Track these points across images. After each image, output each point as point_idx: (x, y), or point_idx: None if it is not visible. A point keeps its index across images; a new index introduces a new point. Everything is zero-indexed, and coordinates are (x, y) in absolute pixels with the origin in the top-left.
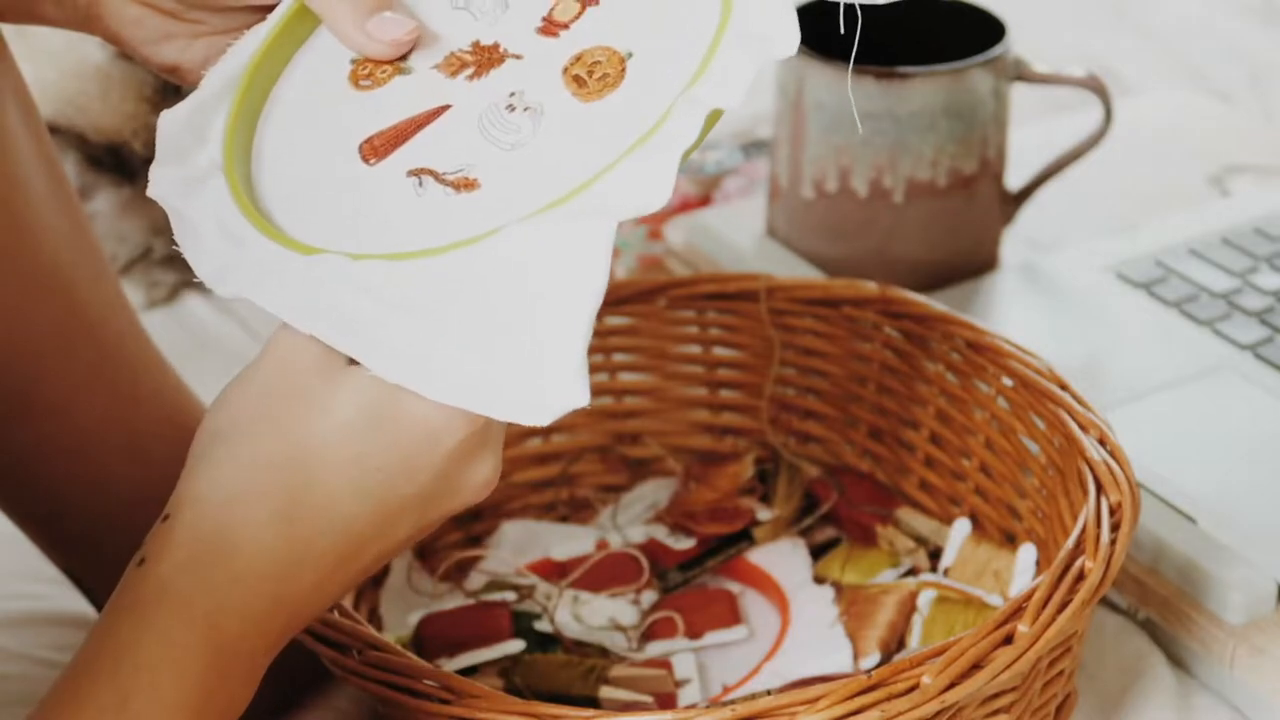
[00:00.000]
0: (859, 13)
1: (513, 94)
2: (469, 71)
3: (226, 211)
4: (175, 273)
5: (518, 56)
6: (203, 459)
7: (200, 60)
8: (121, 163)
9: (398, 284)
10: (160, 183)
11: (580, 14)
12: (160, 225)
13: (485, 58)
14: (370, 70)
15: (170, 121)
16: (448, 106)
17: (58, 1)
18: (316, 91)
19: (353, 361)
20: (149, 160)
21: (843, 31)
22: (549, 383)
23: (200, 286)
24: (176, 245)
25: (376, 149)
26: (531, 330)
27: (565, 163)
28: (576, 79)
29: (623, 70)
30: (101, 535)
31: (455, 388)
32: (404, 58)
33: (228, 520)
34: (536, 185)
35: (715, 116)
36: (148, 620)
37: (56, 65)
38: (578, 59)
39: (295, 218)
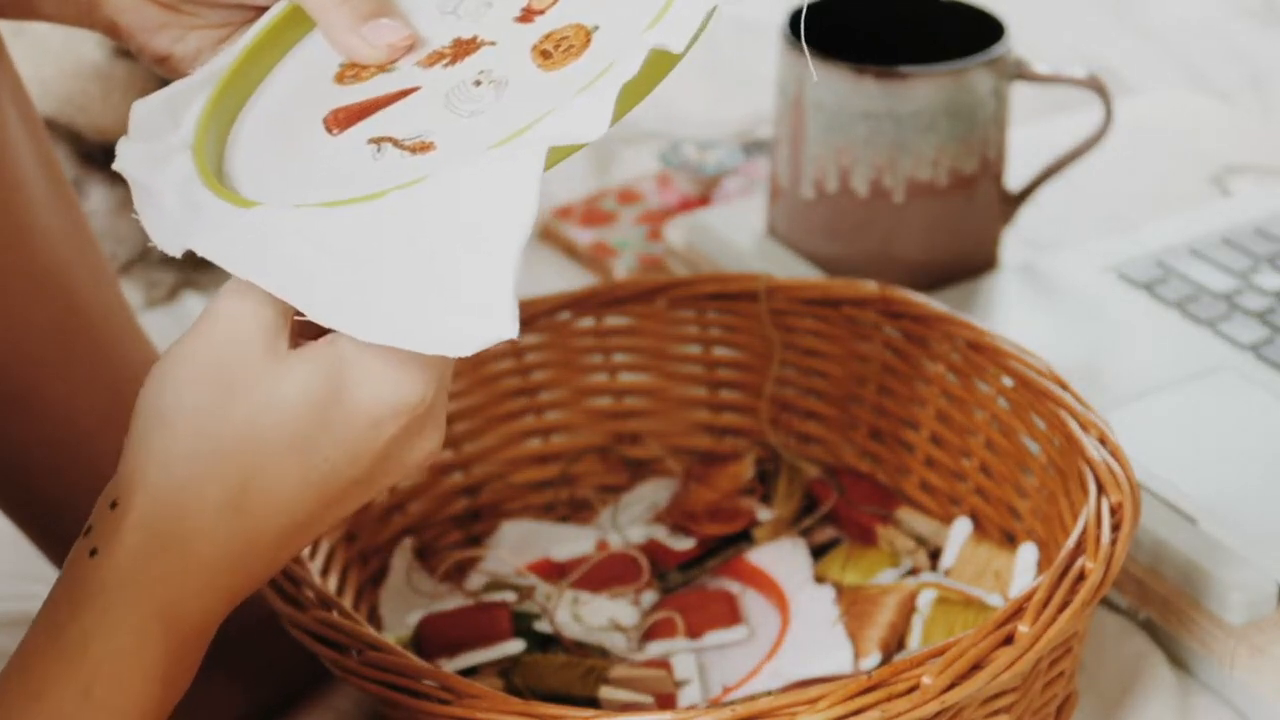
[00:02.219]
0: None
1: (481, 71)
2: (445, 61)
3: (189, 183)
4: (174, 272)
5: (493, 43)
6: (148, 441)
7: (193, 52)
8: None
9: (336, 230)
10: (126, 157)
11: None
12: None
13: (462, 49)
14: (357, 71)
15: (143, 105)
16: (417, 88)
17: None
18: (299, 88)
19: (294, 339)
20: None
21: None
22: (476, 314)
23: (200, 286)
24: (135, 214)
25: (340, 120)
26: (461, 262)
27: (516, 120)
28: (543, 53)
29: (587, 41)
30: None
31: (387, 326)
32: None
33: (179, 511)
34: (486, 141)
35: (665, 60)
36: (108, 611)
37: (55, 64)
38: (547, 36)
39: (256, 185)
